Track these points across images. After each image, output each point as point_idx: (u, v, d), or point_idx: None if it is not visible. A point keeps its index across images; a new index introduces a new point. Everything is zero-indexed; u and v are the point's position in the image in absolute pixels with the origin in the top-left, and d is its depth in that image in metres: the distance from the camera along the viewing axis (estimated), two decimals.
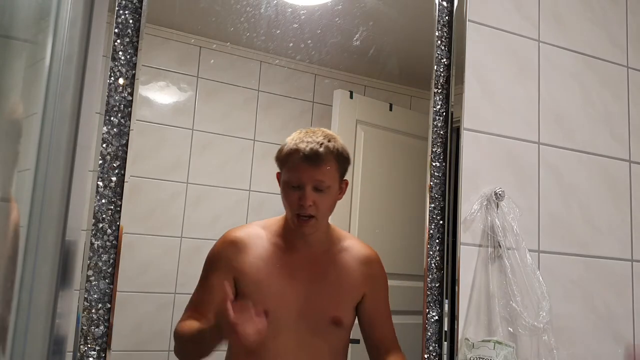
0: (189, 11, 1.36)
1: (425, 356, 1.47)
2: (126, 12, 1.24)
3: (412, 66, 1.64)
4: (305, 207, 1.25)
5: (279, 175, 1.30)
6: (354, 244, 1.37)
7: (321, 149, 1.24)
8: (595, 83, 1.84)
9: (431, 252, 1.51)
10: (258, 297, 1.23)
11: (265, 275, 1.27)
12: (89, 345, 1.15)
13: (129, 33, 1.24)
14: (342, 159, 1.29)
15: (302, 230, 1.28)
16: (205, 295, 1.23)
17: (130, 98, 1.22)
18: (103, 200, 1.18)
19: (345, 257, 1.34)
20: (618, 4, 1.92)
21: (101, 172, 1.19)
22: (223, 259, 1.25)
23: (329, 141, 1.26)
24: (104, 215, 1.18)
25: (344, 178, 1.32)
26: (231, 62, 1.39)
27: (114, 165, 1.20)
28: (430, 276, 1.50)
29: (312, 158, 1.24)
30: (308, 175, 1.25)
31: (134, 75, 1.23)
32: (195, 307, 1.22)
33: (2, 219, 0.74)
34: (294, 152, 1.25)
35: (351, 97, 1.51)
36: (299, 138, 1.27)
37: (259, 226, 1.32)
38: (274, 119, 1.42)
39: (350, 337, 1.34)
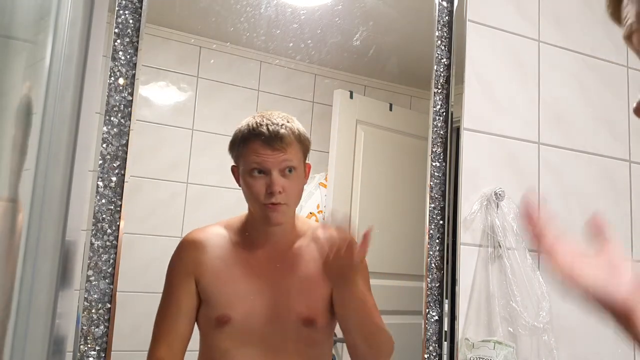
0: (189, 11, 1.36)
1: (425, 356, 1.47)
2: (126, 12, 1.24)
3: (412, 66, 1.64)
4: (275, 194, 1.14)
5: (235, 169, 1.21)
6: (322, 234, 1.25)
7: (282, 130, 1.15)
8: (595, 83, 1.84)
9: (431, 252, 1.51)
10: (220, 302, 1.14)
11: (227, 278, 1.17)
12: (89, 345, 1.15)
13: (129, 33, 1.24)
14: (303, 140, 1.20)
15: (271, 218, 1.16)
16: (171, 311, 1.15)
17: (130, 98, 1.22)
18: (103, 200, 1.18)
19: (314, 249, 1.18)
20: None
21: (101, 172, 1.19)
22: (181, 264, 1.18)
23: (287, 122, 1.17)
24: (104, 215, 1.18)
25: (307, 162, 1.23)
26: (231, 62, 1.39)
27: (114, 165, 1.20)
28: (430, 276, 1.50)
29: (275, 140, 1.14)
30: (273, 159, 1.14)
31: (134, 75, 1.23)
32: (162, 336, 1.14)
33: (6, 220, 0.75)
34: (253, 137, 1.15)
35: (351, 97, 1.51)
36: (254, 122, 1.16)
37: (220, 225, 1.23)
38: None
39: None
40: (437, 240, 1.53)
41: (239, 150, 1.18)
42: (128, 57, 1.23)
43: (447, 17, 1.62)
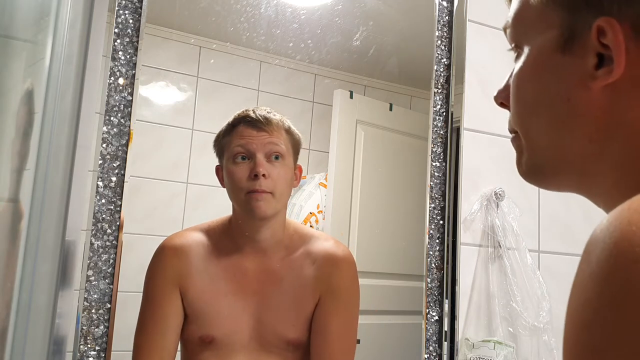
0: (189, 11, 1.36)
1: (425, 356, 1.47)
2: (126, 12, 1.24)
3: (412, 66, 1.64)
4: (259, 176, 1.04)
5: (219, 169, 1.14)
6: (319, 245, 1.13)
7: (271, 115, 1.09)
8: None
9: (431, 252, 1.51)
10: (204, 321, 1.07)
11: (212, 294, 1.08)
12: (89, 345, 1.15)
13: (129, 33, 1.24)
14: (293, 133, 1.13)
15: (255, 209, 1.04)
16: (156, 326, 1.07)
17: (130, 98, 1.22)
18: (103, 200, 1.18)
19: (305, 263, 1.11)
20: None
21: (101, 172, 1.19)
22: (165, 274, 1.09)
23: (274, 114, 1.11)
24: (104, 215, 1.18)
25: (298, 164, 1.15)
26: (231, 62, 1.39)
27: (114, 165, 1.20)
28: (430, 276, 1.50)
29: (261, 122, 1.07)
30: (258, 141, 1.06)
31: (134, 75, 1.23)
32: (149, 353, 1.06)
33: (6, 220, 0.75)
34: (238, 122, 1.09)
35: (351, 97, 1.51)
36: (241, 111, 1.11)
37: (200, 231, 1.13)
38: None
39: None
40: (437, 240, 1.53)
41: (224, 140, 1.11)
42: (128, 57, 1.23)
43: (447, 17, 1.62)
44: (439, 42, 1.60)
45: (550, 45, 0.51)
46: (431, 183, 1.54)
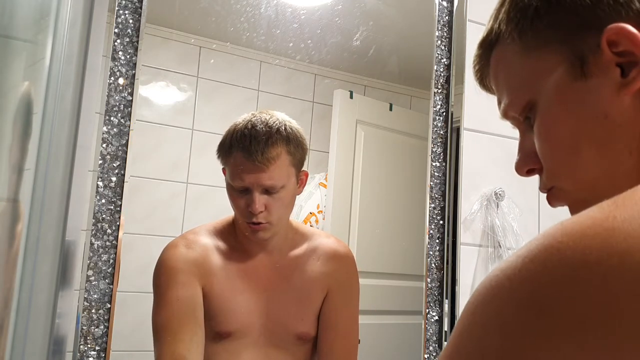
0: (189, 11, 1.36)
1: (425, 356, 1.47)
2: (126, 12, 1.24)
3: (412, 66, 1.64)
4: (256, 213, 1.06)
5: (225, 172, 1.13)
6: (322, 242, 1.18)
7: (267, 145, 1.04)
8: None
9: (431, 252, 1.51)
10: (223, 319, 1.09)
11: (229, 292, 1.10)
12: (89, 345, 1.15)
13: (129, 33, 1.24)
14: (295, 148, 1.08)
15: (253, 237, 1.10)
16: (179, 304, 1.04)
17: (130, 98, 1.22)
18: (103, 200, 1.19)
19: (311, 259, 1.15)
20: None
21: (101, 172, 1.19)
22: (188, 264, 1.08)
23: (277, 131, 1.05)
24: (104, 215, 1.18)
25: (303, 169, 1.13)
26: (231, 62, 1.39)
27: (114, 165, 1.20)
28: (430, 276, 1.50)
29: (257, 157, 1.04)
30: (254, 178, 1.05)
31: (134, 75, 1.23)
32: (179, 339, 1.02)
33: (6, 220, 0.75)
34: (235, 148, 1.06)
35: (351, 97, 1.51)
36: (240, 129, 1.06)
37: (207, 232, 1.15)
38: None
39: None
40: (437, 240, 1.53)
41: (224, 158, 1.10)
42: (128, 57, 1.23)
43: (447, 17, 1.62)
44: (439, 42, 1.60)
45: (567, 79, 0.50)
46: (431, 183, 1.54)
